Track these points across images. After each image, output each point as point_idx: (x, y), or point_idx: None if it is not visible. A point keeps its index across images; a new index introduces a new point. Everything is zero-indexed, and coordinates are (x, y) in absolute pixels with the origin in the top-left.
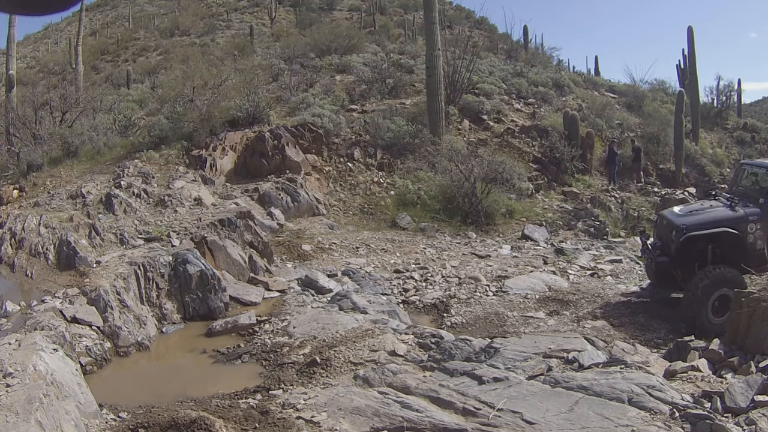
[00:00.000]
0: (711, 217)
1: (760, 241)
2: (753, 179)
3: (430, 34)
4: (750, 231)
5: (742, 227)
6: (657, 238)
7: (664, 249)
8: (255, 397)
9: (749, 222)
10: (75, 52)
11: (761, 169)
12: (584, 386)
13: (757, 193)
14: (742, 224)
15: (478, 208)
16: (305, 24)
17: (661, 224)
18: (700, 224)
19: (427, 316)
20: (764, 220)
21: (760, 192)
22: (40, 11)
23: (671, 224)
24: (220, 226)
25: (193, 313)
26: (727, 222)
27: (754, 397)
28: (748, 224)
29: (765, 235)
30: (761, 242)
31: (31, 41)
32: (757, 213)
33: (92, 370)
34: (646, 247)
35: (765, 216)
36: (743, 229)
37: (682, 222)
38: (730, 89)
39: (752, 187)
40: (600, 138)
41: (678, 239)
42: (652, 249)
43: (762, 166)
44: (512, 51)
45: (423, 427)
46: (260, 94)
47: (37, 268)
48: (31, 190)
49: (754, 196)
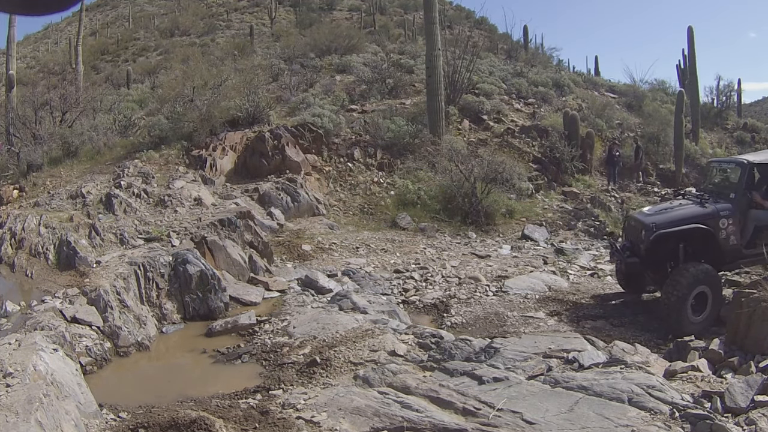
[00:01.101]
0: (681, 215)
1: (733, 237)
2: (723, 176)
3: (430, 34)
4: (722, 227)
5: (714, 223)
6: (626, 240)
7: (633, 250)
8: (255, 397)
9: (721, 217)
10: (75, 52)
11: (731, 165)
12: (584, 386)
13: (728, 189)
14: (713, 220)
15: (478, 208)
16: (305, 24)
17: (630, 225)
18: (670, 222)
19: (427, 316)
20: (736, 216)
21: (730, 187)
22: (40, 11)
23: (640, 224)
24: (220, 226)
25: (193, 313)
26: (698, 218)
27: (754, 397)
28: (720, 220)
29: (738, 230)
30: (734, 238)
31: (31, 41)
32: (728, 208)
33: (92, 370)
34: (615, 250)
35: (737, 211)
36: (715, 225)
37: (651, 221)
38: (730, 89)
39: (723, 184)
40: (600, 138)
41: (648, 238)
42: (621, 251)
43: (732, 161)
44: (512, 51)
45: (423, 427)
46: (260, 94)
47: (37, 268)
48: (31, 190)
49: (725, 192)
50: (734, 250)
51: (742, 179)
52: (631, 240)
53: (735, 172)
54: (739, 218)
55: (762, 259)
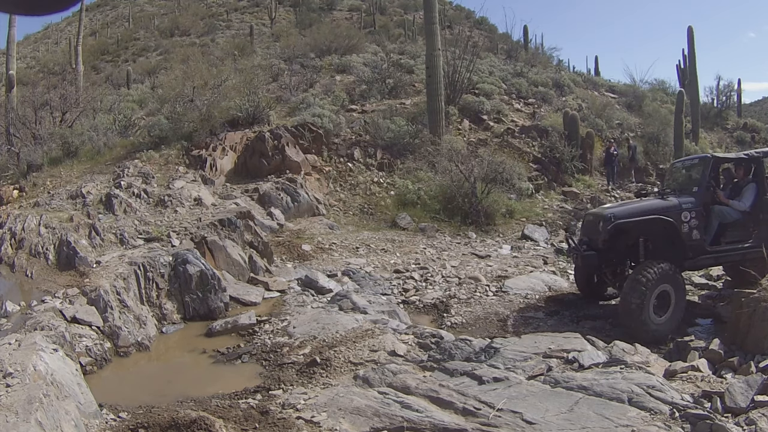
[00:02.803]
0: (641, 207)
1: (696, 232)
2: (686, 174)
3: (430, 34)
4: (684, 219)
5: (676, 215)
6: (584, 235)
7: (591, 244)
8: (255, 397)
9: (683, 210)
10: (75, 52)
11: (693, 161)
12: (584, 386)
13: (691, 185)
14: (675, 213)
15: (478, 208)
16: (305, 24)
17: (588, 220)
18: (629, 213)
19: (427, 316)
20: (699, 209)
21: (694, 183)
22: (40, 11)
23: (598, 216)
24: (220, 226)
25: (193, 313)
26: (659, 210)
27: (754, 397)
28: (682, 212)
29: (701, 225)
30: (697, 233)
31: (31, 41)
32: (691, 201)
33: (92, 370)
34: (573, 246)
35: (699, 204)
36: (677, 217)
37: (609, 212)
38: (730, 89)
39: (686, 182)
40: (600, 138)
41: (606, 228)
42: (578, 245)
43: (694, 158)
44: (512, 51)
45: (423, 427)
46: (260, 94)
47: (37, 268)
48: (31, 190)
49: (687, 188)
50: (697, 246)
51: (705, 173)
52: (588, 235)
53: (698, 169)
54: (702, 213)
55: (725, 257)
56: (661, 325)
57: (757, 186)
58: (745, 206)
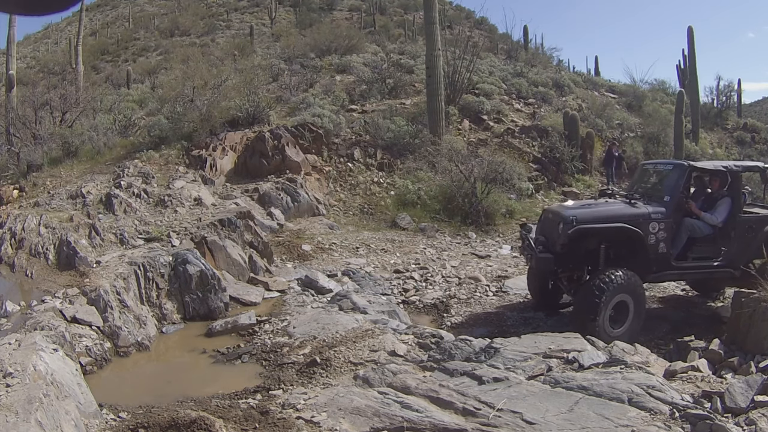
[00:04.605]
0: (607, 211)
1: (663, 244)
2: (658, 178)
3: (430, 34)
4: (652, 230)
5: (644, 225)
6: (540, 234)
7: (547, 246)
8: (255, 397)
9: (652, 220)
10: (75, 52)
11: (667, 166)
12: (584, 386)
13: (661, 192)
14: (643, 222)
15: (478, 208)
16: (305, 24)
17: (547, 218)
18: (593, 218)
19: (427, 316)
20: (668, 220)
21: (664, 190)
22: (40, 11)
23: (558, 216)
24: (220, 226)
25: (193, 313)
26: (626, 218)
27: (754, 397)
28: (651, 223)
29: (669, 237)
30: (664, 245)
31: (31, 41)
32: (661, 212)
33: (92, 370)
34: (527, 244)
35: (670, 216)
36: (644, 228)
37: (571, 213)
38: (730, 89)
39: (656, 187)
40: (600, 138)
41: (565, 232)
42: (533, 244)
43: (669, 163)
44: (512, 51)
45: (423, 427)
46: (260, 94)
47: (37, 268)
48: (31, 190)
49: (657, 195)
50: (663, 260)
51: (679, 182)
52: (546, 235)
53: (672, 176)
54: (671, 224)
55: (691, 274)
56: (617, 337)
57: (732, 201)
58: (718, 221)
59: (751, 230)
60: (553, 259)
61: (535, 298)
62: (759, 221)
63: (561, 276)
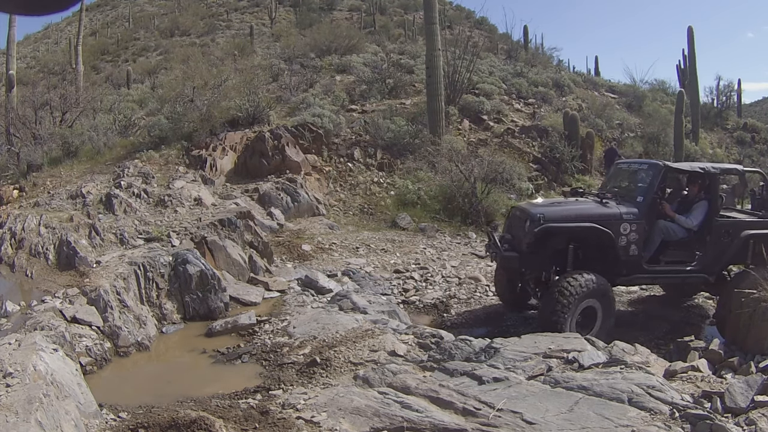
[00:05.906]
0: (576, 210)
1: (635, 247)
2: (632, 178)
3: (430, 34)
4: (623, 232)
5: (615, 226)
6: (507, 231)
7: (513, 244)
8: (255, 397)
9: (623, 221)
10: (75, 52)
11: (641, 166)
12: (584, 386)
13: (634, 193)
14: (614, 223)
15: (478, 208)
16: (305, 24)
17: (514, 216)
18: (561, 216)
19: (427, 316)
20: (641, 222)
21: (637, 190)
22: (40, 11)
23: (525, 214)
24: (220, 226)
25: (193, 313)
26: (596, 218)
27: (754, 397)
28: (622, 224)
29: (641, 240)
30: (635, 248)
31: (31, 41)
32: (634, 213)
33: (92, 370)
34: (493, 242)
35: (642, 217)
36: (615, 229)
37: (539, 211)
38: (730, 89)
39: (629, 187)
40: (600, 138)
41: (532, 230)
42: (499, 243)
43: (642, 162)
44: (512, 51)
45: (423, 427)
46: (260, 94)
47: (37, 268)
48: (31, 190)
49: (630, 195)
50: (633, 263)
51: (653, 182)
52: (512, 233)
53: (645, 176)
54: (643, 226)
55: (663, 279)
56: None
57: (709, 204)
58: (693, 224)
59: (728, 235)
60: (518, 258)
61: (502, 298)
62: (735, 226)
63: (527, 278)
